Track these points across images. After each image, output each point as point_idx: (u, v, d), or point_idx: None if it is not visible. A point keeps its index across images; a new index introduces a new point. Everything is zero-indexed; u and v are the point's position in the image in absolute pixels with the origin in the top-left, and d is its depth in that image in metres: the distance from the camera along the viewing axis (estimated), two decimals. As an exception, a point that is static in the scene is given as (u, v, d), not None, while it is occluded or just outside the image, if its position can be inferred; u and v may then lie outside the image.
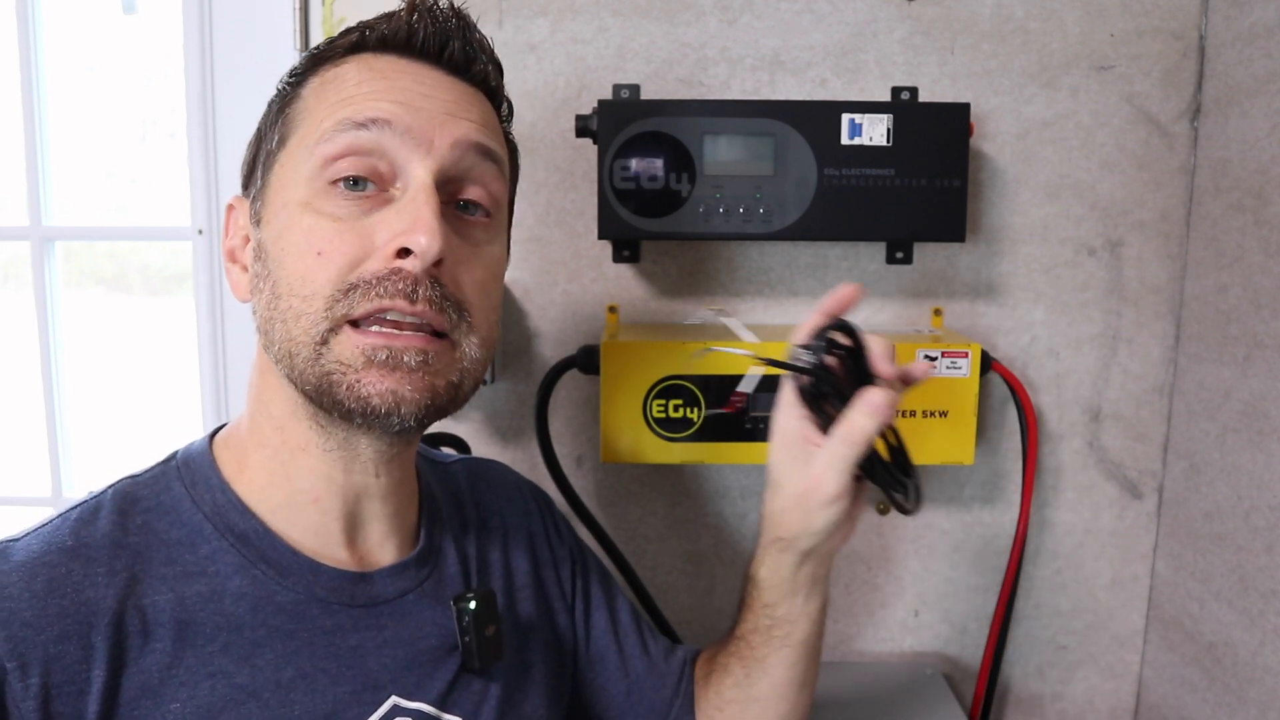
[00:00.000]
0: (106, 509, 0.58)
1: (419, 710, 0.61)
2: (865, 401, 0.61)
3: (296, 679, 0.57)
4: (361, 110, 0.57)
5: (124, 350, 1.36)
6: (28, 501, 1.20)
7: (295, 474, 0.61)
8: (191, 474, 0.61)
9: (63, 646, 0.52)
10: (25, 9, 1.06)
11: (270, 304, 0.57)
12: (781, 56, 1.02)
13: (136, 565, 0.56)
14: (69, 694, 0.51)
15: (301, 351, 0.56)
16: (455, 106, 0.60)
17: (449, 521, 0.71)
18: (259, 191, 0.61)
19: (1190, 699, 1.01)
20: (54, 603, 0.52)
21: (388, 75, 0.59)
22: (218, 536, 0.59)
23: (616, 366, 0.92)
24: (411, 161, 0.57)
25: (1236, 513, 0.94)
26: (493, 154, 0.61)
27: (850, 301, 0.64)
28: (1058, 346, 1.06)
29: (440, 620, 0.64)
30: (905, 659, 1.12)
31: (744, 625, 0.74)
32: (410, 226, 0.55)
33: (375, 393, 0.55)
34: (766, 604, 0.71)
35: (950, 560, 1.10)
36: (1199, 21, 1.01)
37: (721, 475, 1.09)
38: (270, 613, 0.58)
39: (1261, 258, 0.91)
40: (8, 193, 1.17)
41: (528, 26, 1.02)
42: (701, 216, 0.93)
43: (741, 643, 0.74)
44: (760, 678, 0.73)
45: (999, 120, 1.03)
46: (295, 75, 0.62)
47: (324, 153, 0.57)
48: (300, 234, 0.56)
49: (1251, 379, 0.92)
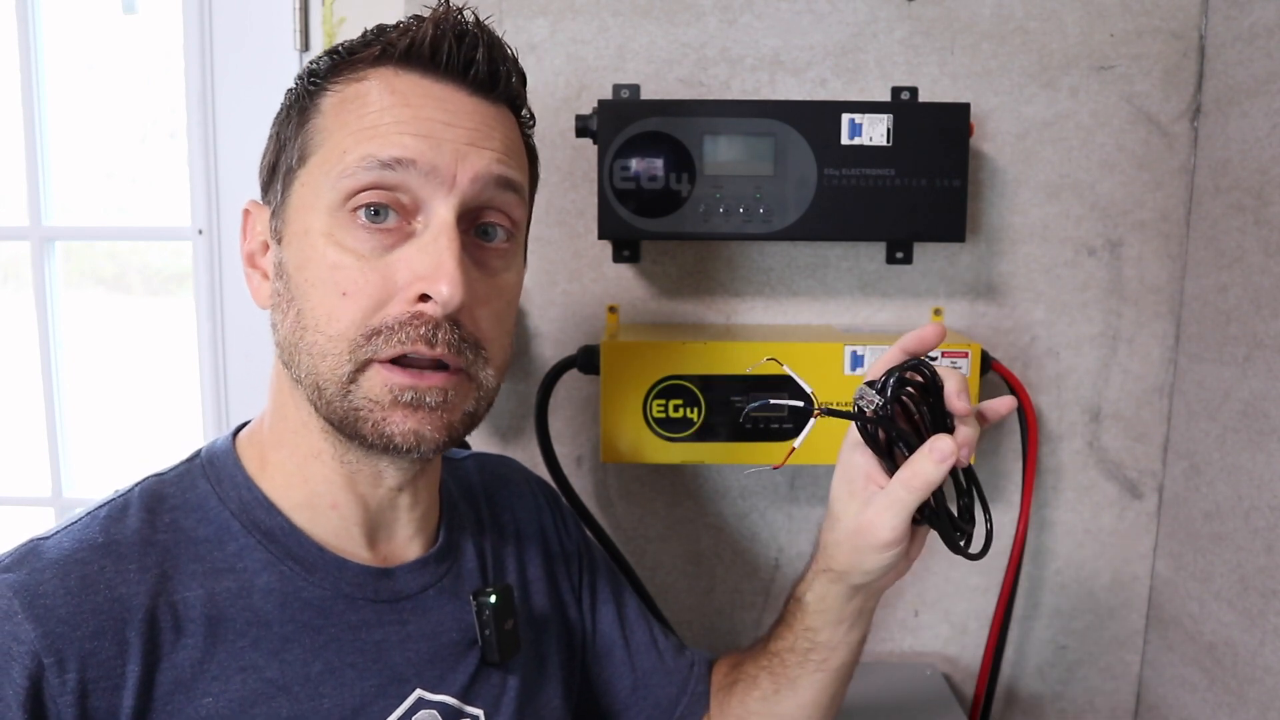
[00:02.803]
0: (135, 506, 0.59)
1: (443, 703, 0.63)
2: (933, 447, 0.58)
3: (325, 673, 0.59)
4: (385, 149, 0.56)
5: (124, 350, 1.36)
6: (28, 501, 1.20)
7: (311, 477, 0.62)
8: (216, 471, 0.63)
9: (98, 643, 0.53)
10: (25, 9, 1.06)
11: (295, 332, 0.58)
12: (781, 56, 1.02)
13: (166, 562, 0.57)
14: (105, 689, 0.52)
15: (329, 387, 0.57)
16: (477, 135, 0.59)
17: (467, 520, 0.73)
18: (279, 207, 0.61)
19: (1190, 699, 1.01)
20: (88, 599, 0.53)
21: (411, 102, 0.58)
22: (245, 533, 0.60)
23: (616, 366, 0.92)
24: (435, 198, 0.57)
25: (1236, 513, 0.94)
26: (513, 184, 0.61)
27: (933, 343, 0.61)
28: (1057, 346, 1.06)
29: (460, 615, 0.66)
30: (905, 659, 1.12)
31: (780, 642, 0.73)
32: (432, 273, 0.56)
33: (399, 432, 0.57)
34: (809, 627, 0.70)
35: (950, 560, 1.10)
36: (1199, 21, 1.01)
37: (722, 475, 1.09)
38: (298, 608, 0.59)
39: (1261, 258, 0.91)
40: (8, 193, 1.17)
41: (528, 26, 1.02)
42: (701, 216, 0.93)
43: (775, 659, 0.73)
44: (789, 696, 0.73)
45: (999, 120, 1.03)
46: (314, 79, 0.61)
47: (347, 187, 0.57)
48: (325, 270, 0.57)
49: (1251, 379, 0.92)
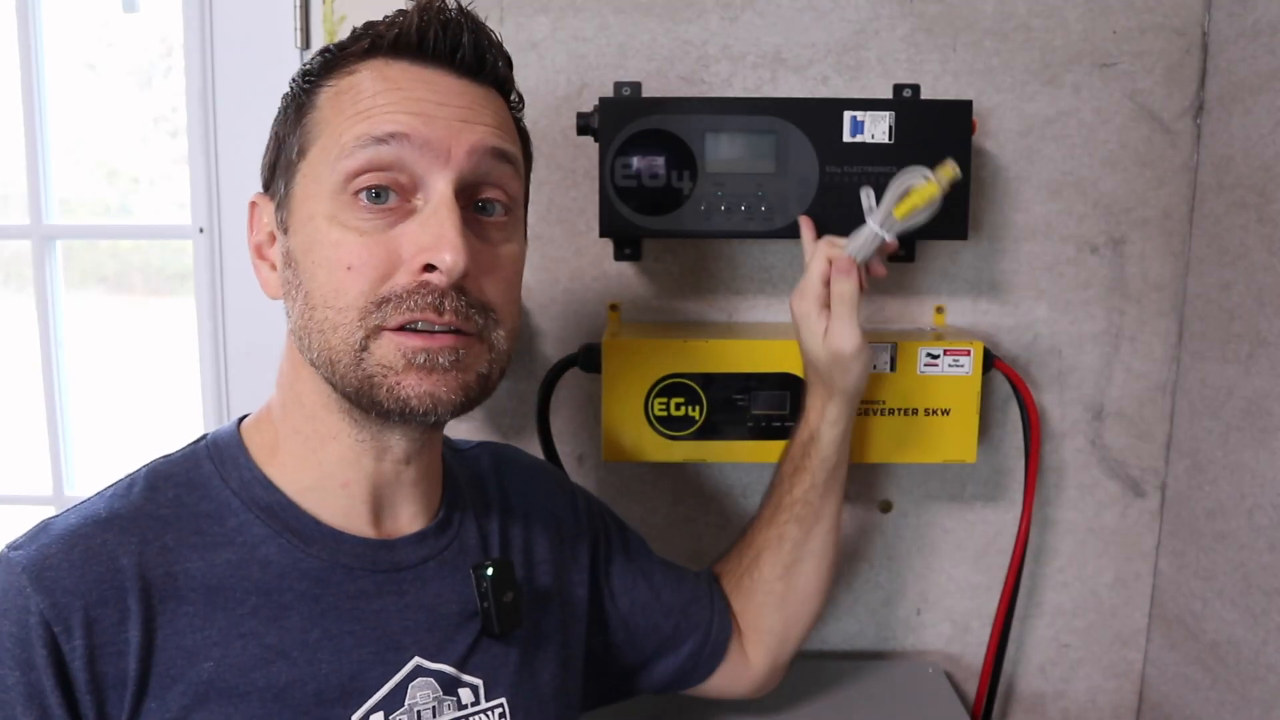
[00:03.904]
0: (139, 485, 0.62)
1: (440, 671, 0.64)
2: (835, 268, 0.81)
3: (323, 639, 0.60)
4: (380, 125, 0.58)
5: (125, 349, 1.36)
6: (29, 500, 1.20)
7: (326, 459, 0.64)
8: (220, 453, 0.65)
9: (101, 610, 0.55)
10: (25, 8, 1.06)
11: (305, 314, 0.60)
12: (783, 54, 1.02)
13: (168, 535, 0.60)
14: (110, 654, 0.55)
15: (343, 359, 0.59)
16: (469, 112, 0.61)
17: (470, 499, 0.74)
18: (283, 199, 0.63)
19: (1193, 697, 1.01)
20: (91, 570, 0.56)
21: (402, 85, 0.60)
22: (245, 510, 0.62)
23: (618, 365, 0.92)
24: (431, 173, 0.59)
25: (1239, 511, 0.94)
26: (508, 155, 0.63)
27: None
28: (1060, 344, 1.06)
29: (460, 588, 0.67)
30: (908, 657, 1.12)
31: (799, 488, 0.85)
32: (435, 243, 0.58)
33: (414, 395, 0.59)
34: (824, 456, 0.84)
35: (952, 558, 1.10)
36: (1202, 18, 1.01)
37: (723, 473, 1.09)
38: (296, 578, 0.61)
39: (1264, 255, 0.91)
40: (8, 192, 1.17)
41: (529, 24, 1.01)
42: (703, 214, 0.93)
43: (798, 505, 0.85)
44: (816, 535, 0.86)
45: (1001, 117, 1.03)
46: (309, 78, 0.64)
47: (345, 168, 0.59)
48: (329, 248, 0.59)
49: (1254, 376, 0.92)
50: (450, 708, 0.64)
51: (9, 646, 0.54)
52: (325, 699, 0.59)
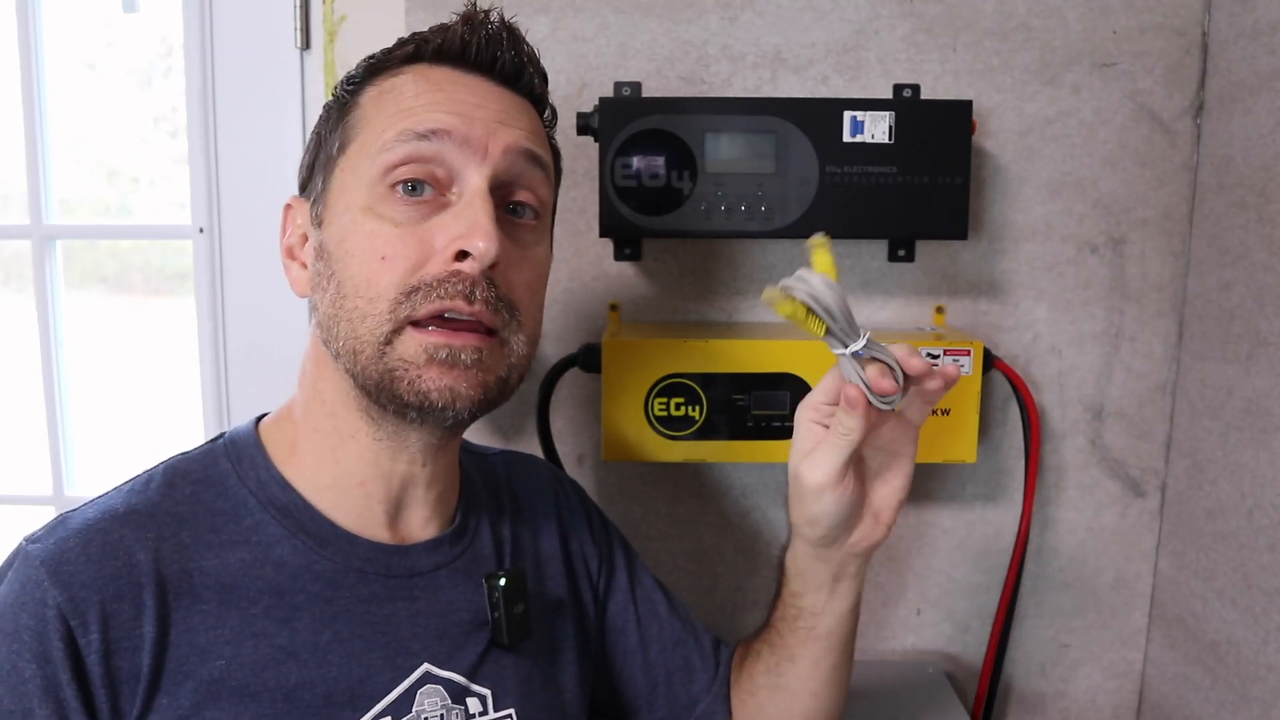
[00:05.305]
0: (157, 481, 0.63)
1: (449, 679, 0.64)
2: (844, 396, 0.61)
3: (333, 642, 0.61)
4: (422, 121, 0.60)
5: (125, 349, 1.36)
6: (29, 500, 1.20)
7: (344, 458, 0.64)
8: (237, 452, 0.66)
9: (117, 605, 0.56)
10: (25, 8, 1.06)
11: (335, 303, 0.61)
12: (783, 54, 1.02)
13: (184, 531, 0.60)
14: (126, 649, 0.55)
15: (366, 350, 0.59)
16: (506, 115, 0.63)
17: (486, 506, 0.74)
18: (319, 195, 0.64)
19: (1193, 697, 1.01)
20: (108, 564, 0.57)
21: (444, 86, 0.62)
22: (261, 509, 0.63)
23: (618, 365, 0.92)
24: (468, 168, 0.61)
25: (1239, 511, 0.94)
26: (541, 160, 0.65)
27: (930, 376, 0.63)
28: (1060, 344, 1.06)
29: (472, 596, 0.67)
30: (907, 657, 1.12)
31: (775, 613, 0.76)
32: (469, 231, 0.59)
33: (435, 389, 0.59)
34: (792, 592, 0.73)
35: (952, 558, 1.10)
36: (1202, 18, 1.01)
37: (723, 473, 1.09)
38: (309, 580, 0.61)
39: (1264, 255, 0.91)
40: (9, 192, 1.17)
41: (529, 24, 1.00)
42: (703, 214, 0.93)
43: (772, 630, 0.76)
44: (788, 668, 0.75)
45: (1001, 117, 1.03)
46: (352, 83, 0.66)
47: (386, 160, 0.60)
48: (364, 238, 0.60)
49: (1254, 376, 0.92)
50: (458, 716, 0.64)
51: (26, 640, 0.54)
52: (334, 701, 0.59)
